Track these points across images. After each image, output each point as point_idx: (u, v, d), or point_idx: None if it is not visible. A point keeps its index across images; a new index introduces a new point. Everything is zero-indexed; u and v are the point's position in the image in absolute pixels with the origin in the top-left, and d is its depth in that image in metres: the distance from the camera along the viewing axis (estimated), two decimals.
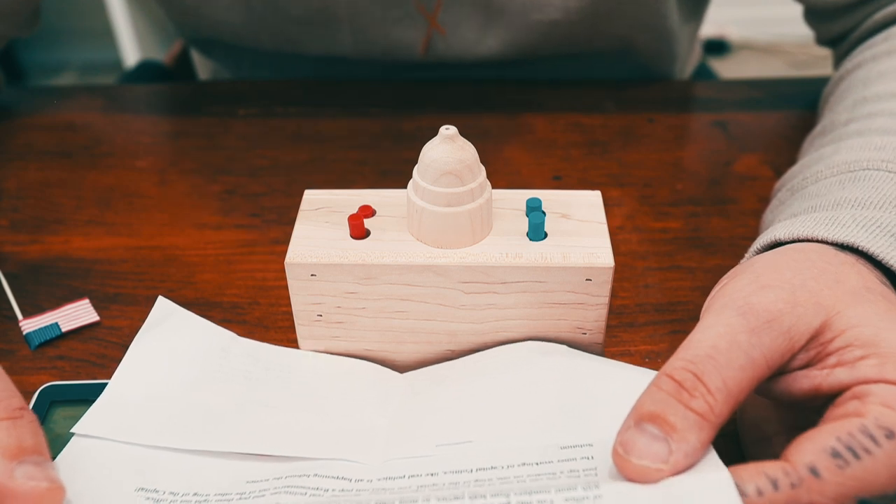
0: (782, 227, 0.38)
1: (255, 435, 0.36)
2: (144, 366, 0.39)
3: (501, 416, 0.35)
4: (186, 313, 0.42)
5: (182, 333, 0.41)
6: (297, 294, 0.39)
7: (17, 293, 0.47)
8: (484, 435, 0.34)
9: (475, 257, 0.37)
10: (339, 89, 0.67)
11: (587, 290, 0.38)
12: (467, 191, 0.37)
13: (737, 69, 2.10)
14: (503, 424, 0.35)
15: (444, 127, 0.36)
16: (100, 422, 0.36)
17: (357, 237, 0.38)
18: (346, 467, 0.34)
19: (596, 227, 0.39)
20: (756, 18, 2.11)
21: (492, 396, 0.37)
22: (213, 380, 0.39)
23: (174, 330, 0.41)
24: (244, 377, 0.39)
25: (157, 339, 0.40)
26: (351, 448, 0.35)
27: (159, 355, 0.39)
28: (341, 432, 0.36)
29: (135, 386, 0.38)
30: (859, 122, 0.46)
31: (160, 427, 0.36)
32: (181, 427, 0.36)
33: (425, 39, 0.62)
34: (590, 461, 0.31)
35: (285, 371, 0.40)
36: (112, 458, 0.35)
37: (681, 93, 0.68)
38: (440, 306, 0.39)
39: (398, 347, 0.41)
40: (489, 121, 0.62)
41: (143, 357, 0.39)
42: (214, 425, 0.36)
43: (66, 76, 2.12)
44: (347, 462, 0.35)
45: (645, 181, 0.56)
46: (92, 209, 0.54)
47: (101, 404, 0.37)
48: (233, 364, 0.40)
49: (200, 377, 0.38)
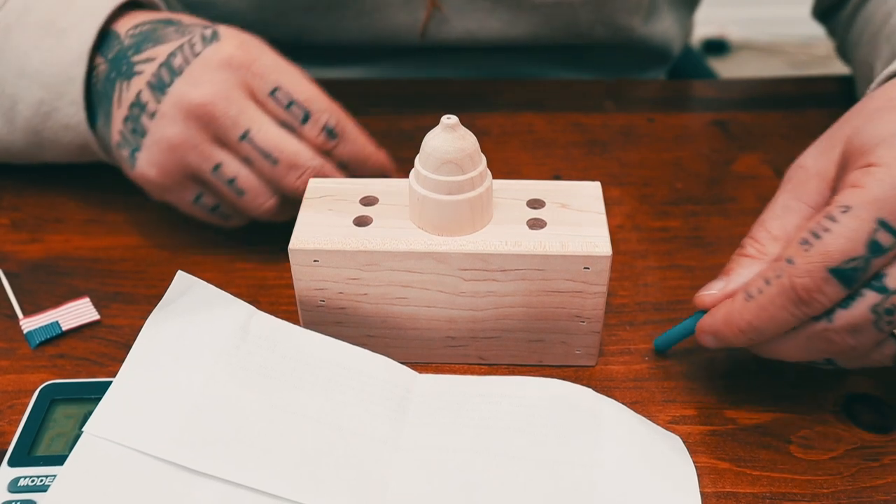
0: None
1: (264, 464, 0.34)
2: (158, 350, 0.37)
3: (510, 498, 0.34)
4: (206, 286, 0.40)
5: (200, 310, 0.39)
6: (301, 280, 0.39)
7: (17, 292, 0.47)
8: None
9: (475, 245, 0.38)
10: (339, 89, 0.67)
11: (585, 279, 0.38)
12: (468, 179, 0.37)
13: (737, 69, 2.10)
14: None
15: (446, 116, 0.37)
16: (110, 421, 0.35)
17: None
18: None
19: (595, 217, 0.39)
20: (756, 18, 2.11)
21: (504, 467, 0.35)
22: (229, 376, 0.36)
23: (192, 306, 0.39)
24: (259, 373, 0.37)
25: (174, 315, 0.38)
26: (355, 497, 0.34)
27: (174, 337, 0.38)
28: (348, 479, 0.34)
29: (147, 377, 0.36)
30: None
31: (169, 436, 0.34)
32: (191, 440, 0.34)
33: (424, 19, 0.62)
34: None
35: (300, 365, 0.38)
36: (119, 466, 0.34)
37: (681, 92, 0.68)
38: (440, 293, 0.39)
39: (400, 334, 0.41)
40: (489, 120, 0.62)
41: (158, 338, 0.38)
42: (224, 445, 0.34)
43: None
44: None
45: (645, 180, 0.56)
46: (92, 208, 0.54)
47: (113, 397, 0.36)
48: (251, 351, 0.37)
49: (216, 371, 0.36)
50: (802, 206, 0.38)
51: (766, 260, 0.37)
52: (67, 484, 0.33)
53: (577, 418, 0.36)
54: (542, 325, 0.40)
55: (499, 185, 0.41)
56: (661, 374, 0.42)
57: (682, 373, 0.42)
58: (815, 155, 0.39)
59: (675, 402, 0.41)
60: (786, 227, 0.37)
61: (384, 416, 0.37)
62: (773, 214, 0.38)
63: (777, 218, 0.38)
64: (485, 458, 0.35)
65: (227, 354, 0.37)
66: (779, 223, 0.38)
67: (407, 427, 0.36)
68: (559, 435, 0.36)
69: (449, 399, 0.38)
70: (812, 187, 0.38)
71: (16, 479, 0.36)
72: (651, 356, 0.43)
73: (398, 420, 0.37)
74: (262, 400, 0.36)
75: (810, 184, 0.38)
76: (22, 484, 0.35)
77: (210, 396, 0.36)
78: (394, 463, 0.35)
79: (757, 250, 0.38)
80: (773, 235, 0.38)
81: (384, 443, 0.36)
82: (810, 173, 0.38)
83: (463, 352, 0.42)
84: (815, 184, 0.38)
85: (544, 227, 0.39)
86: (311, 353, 0.38)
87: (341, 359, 0.38)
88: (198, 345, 0.37)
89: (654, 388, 0.41)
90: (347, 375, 0.38)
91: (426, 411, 0.37)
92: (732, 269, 0.38)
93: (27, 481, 0.36)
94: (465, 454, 0.35)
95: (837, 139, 0.38)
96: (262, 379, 0.37)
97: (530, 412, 0.37)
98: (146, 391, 0.36)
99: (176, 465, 0.34)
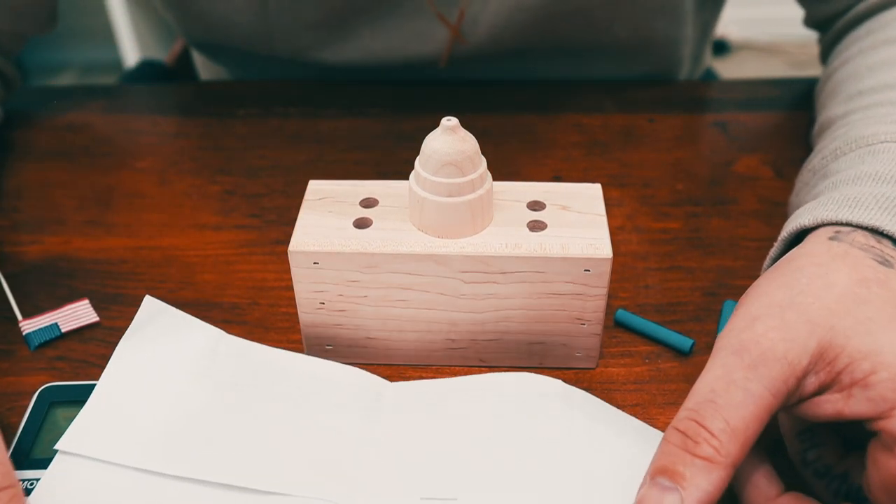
0: (806, 213, 0.38)
1: (238, 463, 0.35)
2: (129, 374, 0.38)
3: (489, 469, 0.35)
4: (174, 311, 0.41)
5: (168, 336, 0.40)
6: (301, 282, 0.39)
7: (16, 293, 0.47)
8: (470, 493, 0.34)
9: (475, 247, 0.38)
10: (338, 89, 0.67)
11: (586, 281, 0.38)
12: (468, 181, 0.37)
13: (737, 69, 2.10)
14: (490, 478, 0.34)
15: (446, 118, 0.37)
16: (84, 438, 0.36)
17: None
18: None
19: (595, 219, 0.39)
20: (756, 18, 2.11)
21: (481, 444, 0.36)
22: (200, 388, 0.38)
23: (161, 332, 0.40)
24: (231, 386, 0.38)
25: (143, 342, 0.39)
26: (334, 487, 0.34)
27: (145, 361, 0.39)
28: (325, 464, 0.35)
29: (119, 396, 0.37)
30: (859, 113, 0.46)
31: (145, 447, 0.35)
32: (166, 448, 0.35)
33: (447, 49, 0.62)
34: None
35: (271, 377, 0.39)
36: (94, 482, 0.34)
37: (681, 93, 0.68)
38: (440, 295, 0.39)
39: (400, 336, 0.41)
40: (489, 121, 0.62)
41: (128, 363, 0.39)
42: (197, 450, 0.35)
43: (66, 76, 2.12)
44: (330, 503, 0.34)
45: (645, 181, 0.56)
46: (92, 209, 0.54)
47: (85, 417, 0.36)
48: (221, 368, 0.39)
49: (187, 388, 0.38)
50: (765, 393, 0.30)
51: (728, 464, 0.29)
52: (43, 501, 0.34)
53: (547, 403, 0.37)
54: (543, 328, 0.40)
55: (499, 186, 0.41)
56: (661, 376, 0.42)
57: (683, 375, 0.42)
58: (783, 336, 0.31)
59: (676, 405, 0.40)
60: (745, 418, 0.30)
61: (356, 415, 0.37)
62: (731, 396, 0.30)
63: (735, 403, 0.30)
64: (460, 440, 0.36)
65: (198, 373, 0.38)
66: (738, 412, 0.30)
67: (380, 424, 0.37)
68: (531, 417, 0.37)
69: (420, 398, 0.38)
70: (777, 373, 0.30)
71: None
72: (651, 358, 0.43)
73: (370, 418, 0.37)
74: (233, 409, 0.37)
75: (776, 368, 0.30)
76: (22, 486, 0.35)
77: (181, 409, 0.37)
78: (368, 453, 0.36)
79: (715, 450, 0.29)
80: (731, 428, 0.29)
81: (357, 437, 0.36)
82: (778, 355, 0.31)
83: (463, 354, 0.42)
84: (782, 370, 0.30)
85: (545, 229, 0.39)
86: (281, 368, 0.39)
87: (311, 370, 0.39)
88: (168, 366, 0.38)
89: (654, 391, 0.41)
90: (318, 385, 0.38)
91: (398, 410, 0.38)
92: (685, 477, 0.29)
93: (26, 483, 0.36)
94: (440, 440, 0.36)
95: (804, 324, 0.31)
96: (233, 391, 0.38)
97: (501, 400, 0.37)
98: (118, 408, 0.37)
99: (149, 471, 0.34)
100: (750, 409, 0.30)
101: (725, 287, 0.47)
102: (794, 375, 0.31)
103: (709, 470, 0.29)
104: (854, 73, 0.51)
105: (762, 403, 0.30)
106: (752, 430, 0.30)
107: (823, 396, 0.31)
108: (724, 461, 0.29)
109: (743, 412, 0.30)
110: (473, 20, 0.61)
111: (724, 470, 0.29)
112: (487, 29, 0.61)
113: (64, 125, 0.64)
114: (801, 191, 0.46)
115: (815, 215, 0.37)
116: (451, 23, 0.61)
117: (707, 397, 0.30)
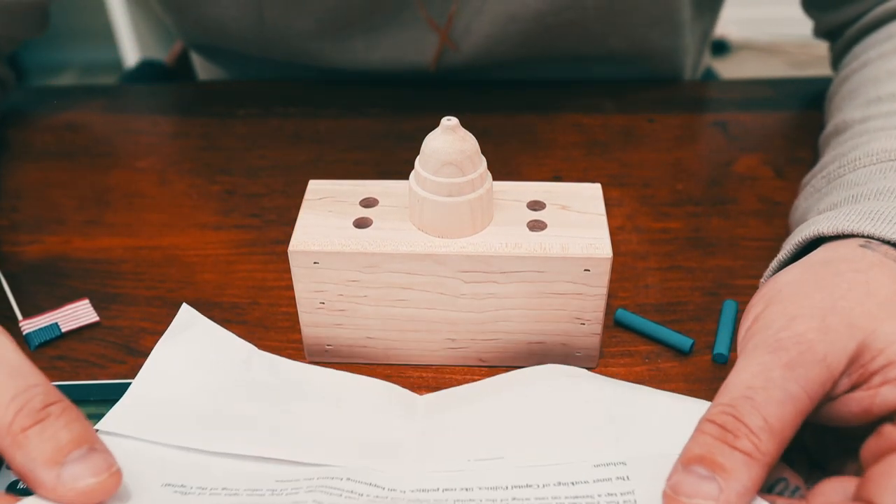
0: (825, 221, 0.38)
1: (283, 441, 0.35)
2: (169, 368, 0.38)
3: (530, 434, 0.35)
4: (209, 323, 0.41)
5: (204, 343, 0.40)
6: (300, 282, 0.39)
7: (16, 293, 0.47)
8: (516, 452, 0.34)
9: (475, 247, 0.38)
10: (338, 89, 0.67)
11: (586, 281, 0.38)
12: (468, 181, 0.37)
13: (737, 69, 2.10)
14: (533, 442, 0.35)
15: (446, 118, 0.37)
16: (125, 419, 0.36)
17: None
18: (379, 475, 0.34)
19: (595, 219, 0.39)
20: (756, 18, 2.11)
21: (520, 415, 0.37)
22: (237, 386, 0.38)
23: (196, 339, 0.40)
24: (267, 388, 0.38)
25: (180, 346, 0.40)
26: (381, 458, 0.35)
27: (183, 360, 0.39)
28: (369, 444, 0.36)
29: (160, 386, 0.38)
30: (879, 120, 0.46)
31: (186, 428, 0.35)
32: (207, 429, 0.35)
33: (436, 54, 0.62)
34: (625, 482, 0.32)
35: (308, 385, 0.39)
36: (135, 455, 0.34)
37: (681, 93, 0.68)
38: (440, 295, 0.39)
39: (399, 336, 0.41)
40: (489, 121, 0.62)
41: (168, 360, 0.39)
42: (241, 430, 0.36)
43: (66, 76, 2.12)
44: (379, 471, 0.34)
45: (645, 181, 0.56)
46: (92, 209, 0.54)
47: (126, 402, 0.37)
48: (255, 375, 0.39)
49: (225, 383, 0.38)
50: (803, 394, 0.29)
51: (765, 462, 0.28)
52: None
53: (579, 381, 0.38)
54: (543, 327, 0.40)
55: (499, 186, 0.41)
56: (661, 376, 0.42)
57: (683, 375, 0.42)
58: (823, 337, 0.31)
59: None
60: (783, 418, 0.29)
61: (394, 414, 0.38)
62: (769, 394, 0.29)
63: (774, 401, 0.29)
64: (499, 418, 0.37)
65: (234, 376, 0.39)
66: (777, 411, 0.29)
67: (419, 420, 0.38)
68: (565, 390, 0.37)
69: (454, 397, 0.39)
70: (816, 374, 0.30)
71: (15, 482, 0.35)
72: (651, 358, 0.43)
73: (408, 416, 0.38)
74: (270, 404, 0.37)
75: (815, 370, 0.30)
76: (22, 486, 0.35)
77: (220, 401, 0.37)
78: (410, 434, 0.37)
79: (754, 446, 0.28)
80: (769, 426, 0.29)
81: (399, 426, 0.37)
82: (818, 357, 0.30)
83: (463, 353, 0.42)
84: (820, 372, 0.30)
85: (545, 228, 0.39)
86: (312, 379, 0.40)
87: (344, 381, 0.40)
88: (205, 365, 0.39)
89: None
90: (352, 393, 0.39)
91: (435, 410, 0.38)
92: (724, 468, 0.28)
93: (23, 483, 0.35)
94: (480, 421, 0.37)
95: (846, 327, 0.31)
96: (270, 392, 0.38)
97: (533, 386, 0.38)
98: (158, 398, 0.37)
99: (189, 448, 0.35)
100: (788, 408, 0.29)
101: (725, 287, 0.47)
102: (832, 378, 0.30)
103: (749, 465, 0.28)
104: (873, 77, 0.50)
105: (800, 405, 0.29)
106: (788, 430, 0.29)
107: (850, 395, 0.31)
108: (762, 459, 0.28)
109: (781, 411, 0.29)
110: (466, 29, 0.61)
111: (762, 468, 0.28)
112: (482, 39, 0.62)
113: (63, 125, 0.64)
114: (811, 196, 0.46)
115: (835, 225, 0.37)
116: (439, 27, 0.61)
117: (744, 394, 0.29)
